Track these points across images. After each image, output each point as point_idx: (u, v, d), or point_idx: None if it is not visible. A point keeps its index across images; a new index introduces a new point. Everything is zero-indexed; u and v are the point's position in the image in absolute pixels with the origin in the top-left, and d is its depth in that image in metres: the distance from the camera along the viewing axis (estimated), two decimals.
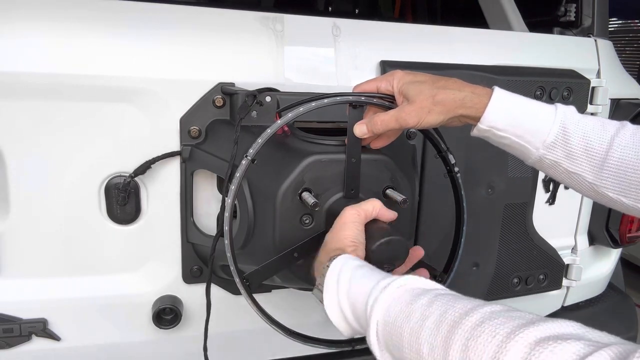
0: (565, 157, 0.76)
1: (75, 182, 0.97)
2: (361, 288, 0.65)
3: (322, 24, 1.09)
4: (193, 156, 1.00)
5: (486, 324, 0.48)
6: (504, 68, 1.21)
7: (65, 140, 0.95)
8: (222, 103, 0.99)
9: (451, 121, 0.80)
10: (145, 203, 1.03)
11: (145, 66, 0.95)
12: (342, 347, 0.88)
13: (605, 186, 0.75)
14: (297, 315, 1.16)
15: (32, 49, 0.89)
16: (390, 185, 0.90)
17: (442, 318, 0.53)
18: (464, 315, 0.51)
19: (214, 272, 1.05)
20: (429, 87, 0.78)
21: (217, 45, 1.01)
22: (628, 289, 1.78)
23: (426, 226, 1.17)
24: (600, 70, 1.34)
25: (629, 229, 1.48)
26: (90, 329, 1.04)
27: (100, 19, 0.94)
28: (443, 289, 0.60)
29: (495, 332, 0.47)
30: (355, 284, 0.66)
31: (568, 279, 1.45)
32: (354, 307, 0.66)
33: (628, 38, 5.54)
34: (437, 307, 0.55)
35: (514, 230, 1.31)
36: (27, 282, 1.00)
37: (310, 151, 0.86)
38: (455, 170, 0.93)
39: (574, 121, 0.75)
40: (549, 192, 1.38)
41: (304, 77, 1.06)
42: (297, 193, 0.84)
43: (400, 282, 0.62)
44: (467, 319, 0.50)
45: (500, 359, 0.44)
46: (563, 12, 1.48)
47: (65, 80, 0.91)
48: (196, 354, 0.98)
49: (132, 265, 1.05)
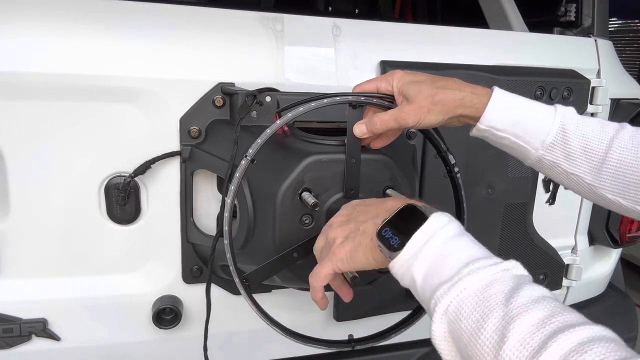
0: (564, 158, 0.76)
1: (75, 182, 0.97)
2: (465, 250, 0.59)
3: (322, 24, 1.09)
4: (193, 156, 1.00)
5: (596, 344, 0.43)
6: (504, 68, 1.21)
7: (65, 140, 0.95)
8: (222, 103, 0.99)
9: (451, 121, 0.80)
10: (145, 203, 1.03)
11: (145, 66, 0.95)
12: (341, 347, 0.88)
13: (603, 187, 0.75)
14: (296, 315, 1.16)
15: (32, 49, 0.89)
16: (390, 185, 0.90)
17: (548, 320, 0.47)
18: (570, 327, 0.46)
19: (214, 272, 1.05)
20: (428, 86, 0.78)
21: (217, 45, 1.01)
22: (628, 289, 1.78)
23: None
24: (600, 70, 1.34)
25: (629, 229, 1.48)
26: (90, 329, 1.04)
27: (100, 19, 0.94)
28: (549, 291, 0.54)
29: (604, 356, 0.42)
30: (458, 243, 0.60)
31: (568, 279, 1.45)
32: (441, 260, 0.58)
33: (628, 38, 5.53)
34: (544, 307, 0.49)
35: (514, 230, 1.31)
36: (27, 282, 1.00)
37: (310, 151, 0.86)
38: (455, 171, 0.93)
39: (573, 122, 0.75)
40: (549, 192, 1.38)
41: (304, 77, 1.06)
42: (297, 193, 0.84)
43: (509, 265, 0.56)
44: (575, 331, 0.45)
45: None
46: (563, 12, 1.48)
47: (65, 80, 0.91)
48: (196, 354, 0.98)
49: (132, 265, 1.05)
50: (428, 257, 0.59)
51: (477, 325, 0.51)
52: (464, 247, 0.60)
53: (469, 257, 0.57)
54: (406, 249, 0.60)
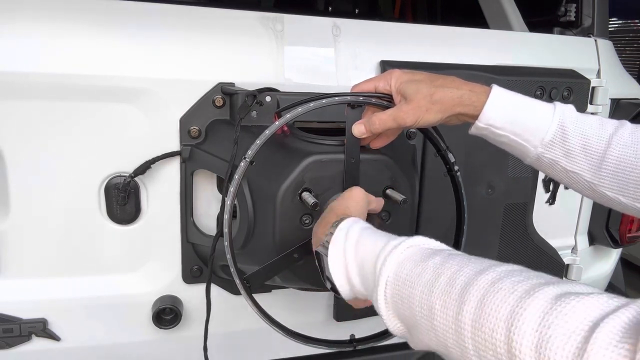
0: (563, 155, 0.75)
1: (75, 182, 0.97)
2: (370, 247, 0.64)
3: (322, 24, 1.09)
4: (193, 156, 1.00)
5: (503, 281, 0.47)
6: (504, 68, 1.21)
7: (65, 140, 0.95)
8: (222, 103, 0.99)
9: (449, 119, 0.80)
10: (145, 203, 1.03)
11: (145, 66, 0.96)
12: (342, 347, 0.88)
13: (603, 185, 0.75)
14: (297, 315, 1.16)
15: (32, 49, 0.89)
16: (390, 185, 0.90)
17: (456, 275, 0.51)
18: (479, 273, 0.50)
19: (214, 272, 1.05)
20: (426, 85, 0.78)
21: (217, 45, 1.01)
22: (628, 289, 1.78)
23: (426, 226, 1.17)
24: (600, 70, 1.34)
25: (629, 229, 1.48)
26: (90, 329, 1.04)
27: (100, 19, 0.94)
28: (454, 250, 0.59)
29: (513, 289, 0.45)
30: (364, 243, 0.66)
31: (568, 279, 1.45)
32: (362, 265, 0.65)
33: (628, 38, 5.53)
34: (451, 265, 0.53)
35: (514, 230, 1.30)
36: (27, 282, 1.00)
37: (310, 151, 0.86)
38: (455, 169, 0.93)
39: (572, 119, 0.75)
40: (549, 192, 1.38)
41: (304, 77, 1.06)
42: (297, 193, 0.84)
43: (411, 242, 0.61)
44: (483, 276, 0.49)
45: (519, 313, 0.43)
46: (563, 12, 1.48)
47: (65, 80, 0.91)
48: (196, 354, 0.98)
49: (132, 265, 1.05)
50: (354, 269, 0.66)
51: (410, 308, 0.56)
52: (369, 243, 0.66)
53: (375, 250, 0.63)
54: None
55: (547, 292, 0.43)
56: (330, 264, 0.68)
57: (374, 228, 0.69)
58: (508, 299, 0.45)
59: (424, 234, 0.61)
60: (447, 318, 0.50)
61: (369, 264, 0.63)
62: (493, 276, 0.48)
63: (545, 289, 0.44)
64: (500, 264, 0.51)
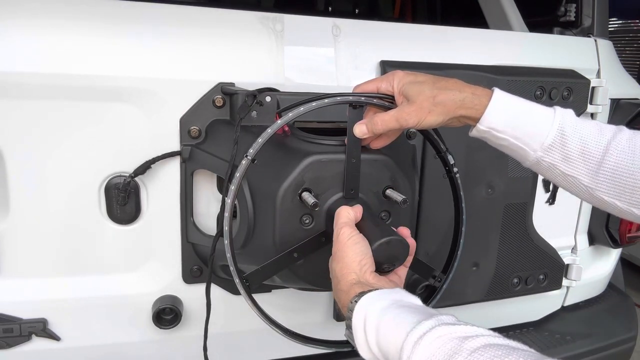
0: (562, 159, 0.76)
1: (75, 182, 0.97)
2: (391, 340, 0.61)
3: (322, 24, 1.09)
4: (193, 156, 1.00)
5: None
6: (504, 68, 1.21)
7: (65, 140, 0.95)
8: (222, 103, 0.99)
9: (451, 122, 0.80)
10: (145, 203, 1.03)
11: (145, 66, 0.95)
12: (341, 347, 0.88)
13: (600, 189, 0.76)
14: (297, 315, 1.16)
15: (32, 48, 0.89)
16: (390, 185, 0.90)
17: None
18: None
19: (214, 272, 1.05)
20: (429, 87, 0.78)
21: (217, 45, 1.01)
22: (628, 289, 1.78)
23: (426, 226, 1.17)
24: (600, 70, 1.34)
25: (629, 229, 1.48)
26: (90, 329, 1.04)
27: (100, 19, 0.94)
28: (480, 336, 0.55)
29: None
30: (384, 335, 0.63)
31: (568, 279, 1.45)
32: (387, 357, 0.63)
33: (628, 38, 5.53)
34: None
35: (514, 230, 1.31)
36: (27, 282, 1.00)
37: (310, 151, 0.86)
38: (454, 171, 0.93)
39: (571, 124, 0.76)
40: (549, 192, 1.38)
41: (304, 77, 1.06)
42: (297, 193, 0.84)
43: (435, 335, 0.57)
44: None
45: None
46: (563, 12, 1.48)
47: (65, 81, 0.91)
48: (196, 354, 0.98)
49: (132, 265, 1.05)
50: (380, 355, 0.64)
51: None
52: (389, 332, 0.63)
53: (397, 343, 0.60)
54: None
55: None
56: (357, 346, 0.68)
57: (392, 303, 0.66)
58: None
59: (424, 234, 0.61)
60: None
61: (394, 357, 0.60)
62: None
63: None
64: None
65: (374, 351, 0.65)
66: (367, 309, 0.67)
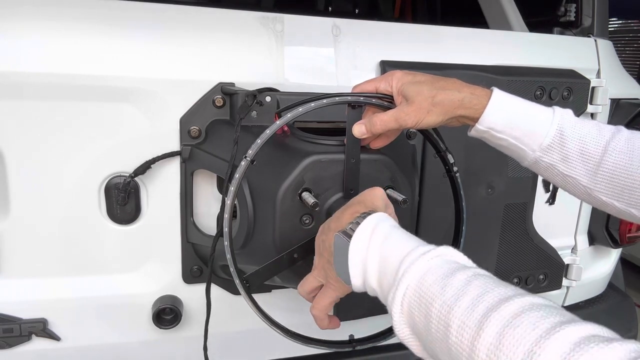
0: (560, 160, 0.76)
1: (75, 182, 0.97)
2: (397, 248, 0.63)
3: (322, 24, 1.09)
4: (193, 156, 1.00)
5: (526, 314, 0.46)
6: (504, 68, 1.21)
7: (65, 140, 0.95)
8: (222, 103, 0.99)
9: (450, 122, 0.80)
10: (145, 203, 1.03)
11: (145, 66, 0.96)
12: (341, 347, 0.88)
13: (598, 190, 0.76)
14: (297, 315, 1.16)
15: (32, 48, 0.89)
16: (390, 185, 0.90)
17: (480, 299, 0.50)
18: (503, 301, 0.49)
19: (214, 272, 1.05)
20: (428, 87, 0.78)
21: (217, 45, 1.01)
22: (628, 289, 1.78)
23: (426, 226, 1.17)
24: (600, 70, 1.34)
25: (629, 229, 1.48)
26: (90, 329, 1.04)
27: (100, 19, 0.94)
28: (481, 270, 0.57)
29: (535, 325, 0.44)
30: (391, 242, 0.64)
31: (568, 279, 1.45)
32: (384, 264, 0.64)
33: (628, 38, 5.53)
34: (476, 286, 0.52)
35: (514, 230, 1.31)
36: (27, 282, 1.00)
37: (310, 151, 0.86)
38: (454, 170, 0.93)
39: (570, 125, 0.76)
40: (549, 192, 1.38)
41: (304, 77, 1.06)
42: (297, 193, 0.84)
43: (440, 252, 0.59)
44: (507, 305, 0.48)
45: (537, 354, 0.42)
46: (563, 12, 1.48)
47: (65, 80, 0.91)
48: (196, 354, 0.98)
49: (132, 265, 1.05)
50: (374, 264, 0.65)
51: (425, 320, 0.55)
52: (397, 243, 0.65)
53: (402, 253, 0.62)
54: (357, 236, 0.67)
55: (568, 333, 0.42)
56: (350, 252, 0.67)
57: (403, 230, 0.67)
58: (528, 335, 0.44)
59: (424, 234, 0.62)
60: (463, 341, 0.49)
61: (392, 266, 0.62)
62: (516, 307, 0.47)
63: (567, 330, 0.43)
64: (525, 293, 0.50)
65: (367, 264, 0.65)
66: (380, 221, 0.67)
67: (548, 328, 0.43)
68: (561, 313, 0.46)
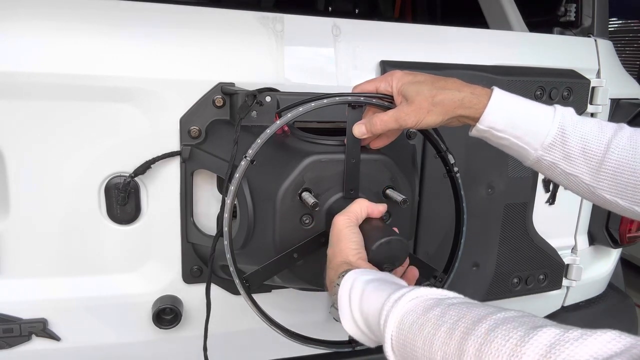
0: (562, 158, 0.76)
1: (76, 182, 0.97)
2: (373, 303, 0.64)
3: (322, 24, 1.09)
4: (193, 156, 1.00)
5: (499, 329, 0.48)
6: (504, 68, 1.21)
7: (65, 140, 0.95)
8: (222, 103, 0.99)
9: (450, 121, 0.80)
10: (145, 203, 1.03)
11: (145, 66, 0.95)
12: (341, 347, 0.88)
13: (601, 188, 0.75)
14: (297, 315, 1.16)
15: (32, 48, 0.89)
16: (390, 185, 0.90)
17: (455, 326, 0.52)
18: (477, 323, 0.51)
19: (214, 272, 1.05)
20: (428, 87, 0.78)
21: (217, 45, 1.01)
22: (628, 289, 1.78)
23: (426, 226, 1.17)
24: (600, 70, 1.34)
25: (629, 229, 1.48)
26: (90, 329, 1.04)
27: (100, 19, 0.94)
28: (456, 298, 0.60)
29: (508, 337, 0.46)
30: (367, 300, 0.66)
31: (568, 279, 1.45)
32: (368, 322, 0.65)
33: (628, 38, 5.53)
34: (450, 315, 0.54)
35: (514, 230, 1.31)
36: (27, 282, 1.00)
37: (310, 151, 0.86)
38: (454, 170, 0.93)
39: (572, 123, 0.76)
40: (549, 192, 1.38)
41: (304, 77, 1.06)
42: (297, 193, 0.84)
43: (413, 295, 0.61)
44: (480, 325, 0.50)
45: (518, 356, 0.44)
46: (563, 12, 1.48)
47: (65, 80, 0.91)
48: (196, 354, 0.98)
49: (132, 265, 1.05)
50: (362, 323, 0.67)
51: None
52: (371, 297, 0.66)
53: (378, 306, 0.63)
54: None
55: (541, 338, 0.44)
56: (342, 322, 0.69)
57: (377, 279, 0.68)
58: (504, 347, 0.46)
59: (424, 234, 0.62)
60: None
61: (374, 320, 0.64)
62: (489, 325, 0.49)
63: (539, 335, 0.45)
64: (497, 310, 0.52)
65: (357, 320, 0.67)
66: (354, 280, 0.69)
67: (521, 336, 0.46)
68: (532, 321, 0.48)
